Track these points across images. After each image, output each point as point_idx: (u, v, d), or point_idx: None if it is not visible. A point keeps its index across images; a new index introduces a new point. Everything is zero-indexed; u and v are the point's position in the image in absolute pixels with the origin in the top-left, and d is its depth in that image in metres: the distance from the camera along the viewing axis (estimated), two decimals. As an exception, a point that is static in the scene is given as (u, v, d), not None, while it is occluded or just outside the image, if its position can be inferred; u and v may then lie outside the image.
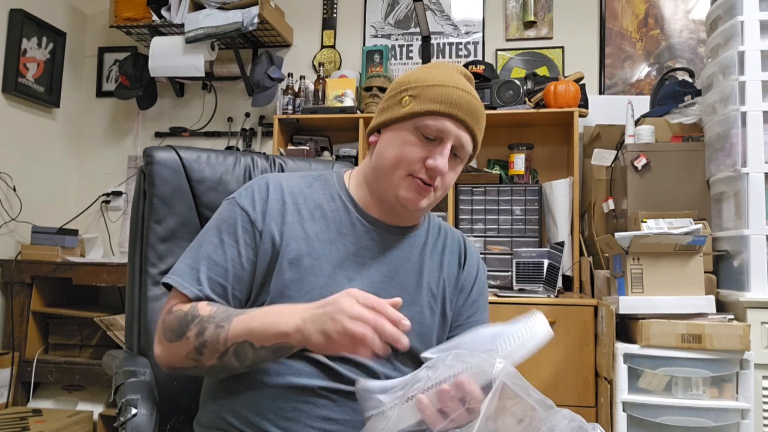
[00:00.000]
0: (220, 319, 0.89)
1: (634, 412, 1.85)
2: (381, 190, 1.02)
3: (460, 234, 1.18)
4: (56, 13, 3.17)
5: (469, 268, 1.14)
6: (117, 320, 2.56)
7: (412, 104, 0.97)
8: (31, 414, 2.51)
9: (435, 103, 0.96)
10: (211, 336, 0.88)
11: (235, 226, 0.99)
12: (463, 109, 0.97)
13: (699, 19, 2.85)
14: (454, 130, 0.97)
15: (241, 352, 0.87)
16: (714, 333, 1.78)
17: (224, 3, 2.85)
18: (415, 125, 0.97)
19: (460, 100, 0.96)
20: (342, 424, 0.93)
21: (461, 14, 3.10)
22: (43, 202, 3.09)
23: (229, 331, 0.87)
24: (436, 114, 0.96)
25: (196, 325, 0.89)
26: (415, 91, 0.98)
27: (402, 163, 0.98)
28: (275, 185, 1.04)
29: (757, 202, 1.94)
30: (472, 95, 0.99)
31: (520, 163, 2.72)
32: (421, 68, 1.04)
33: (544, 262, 2.37)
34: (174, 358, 0.93)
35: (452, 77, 1.00)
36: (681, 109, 2.35)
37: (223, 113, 3.26)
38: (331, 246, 1.00)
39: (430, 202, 1.02)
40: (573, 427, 0.69)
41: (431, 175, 0.97)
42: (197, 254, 0.99)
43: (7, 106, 2.90)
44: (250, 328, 0.86)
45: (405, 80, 1.02)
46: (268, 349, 0.87)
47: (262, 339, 0.86)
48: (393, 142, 0.99)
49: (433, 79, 0.98)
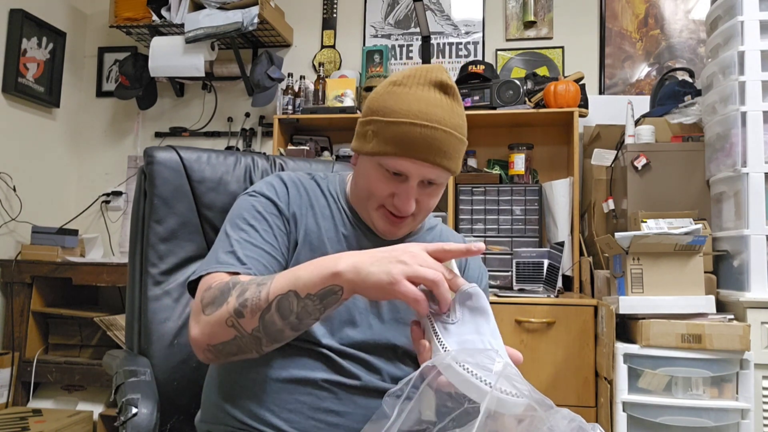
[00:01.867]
0: (261, 279, 0.86)
1: (634, 412, 1.85)
2: (361, 213, 1.04)
3: (461, 238, 1.18)
4: (56, 13, 3.17)
5: (470, 271, 1.14)
6: (117, 320, 2.56)
7: (373, 143, 0.95)
8: (31, 414, 2.51)
9: (391, 145, 0.92)
10: (253, 294, 0.83)
11: (264, 212, 0.99)
12: (421, 149, 0.91)
13: (699, 19, 2.85)
14: (414, 169, 0.93)
15: (285, 305, 0.82)
16: (714, 333, 1.78)
17: (224, 3, 2.85)
18: (378, 162, 0.96)
19: (416, 139, 0.91)
20: (344, 416, 0.93)
21: (461, 14, 3.10)
22: (43, 202, 3.09)
23: (272, 286, 0.83)
24: (394, 155, 0.93)
25: (237, 289, 0.86)
26: (376, 126, 0.95)
27: (372, 196, 0.98)
28: (292, 181, 1.05)
29: (757, 202, 1.94)
30: (434, 127, 0.92)
31: (520, 163, 2.72)
32: (389, 86, 0.97)
33: (544, 262, 2.37)
34: (213, 330, 0.87)
35: (416, 103, 0.93)
36: (681, 109, 2.36)
37: (223, 113, 3.26)
38: (337, 245, 1.02)
39: (411, 227, 1.02)
40: (573, 427, 0.69)
41: (397, 210, 0.97)
42: (229, 242, 0.96)
43: (7, 106, 2.90)
44: (296, 276, 0.82)
45: (371, 106, 0.97)
46: (314, 297, 0.81)
47: (309, 285, 0.81)
48: (363, 173, 0.99)
49: (393, 111, 0.93)
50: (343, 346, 0.96)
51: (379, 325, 1.00)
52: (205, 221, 1.25)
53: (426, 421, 0.76)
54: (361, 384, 0.95)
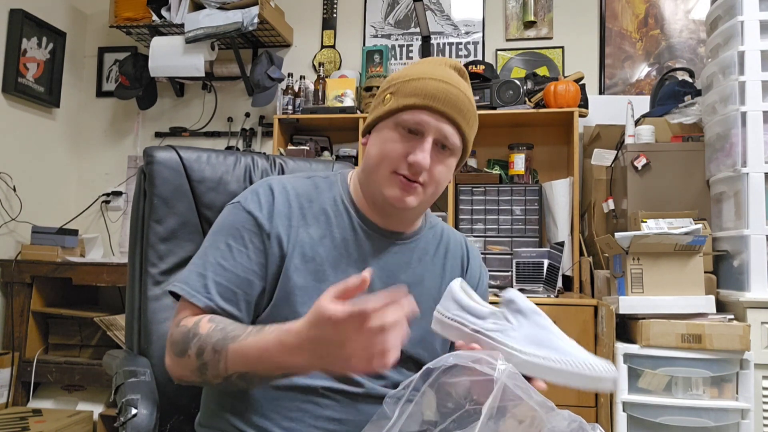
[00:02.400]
0: (216, 341, 0.84)
1: (634, 412, 1.85)
2: (370, 190, 1.01)
3: (462, 237, 1.17)
4: (56, 13, 3.17)
5: (471, 272, 1.13)
6: (117, 320, 2.56)
7: (392, 101, 0.97)
8: (31, 414, 2.51)
9: (411, 96, 0.95)
10: (210, 359, 0.84)
11: (243, 230, 0.97)
12: (440, 100, 0.94)
13: (699, 19, 2.85)
14: (432, 122, 0.94)
15: (247, 378, 0.84)
16: (714, 333, 1.78)
17: (224, 3, 2.85)
18: (395, 121, 0.96)
19: (436, 91, 0.94)
20: (345, 424, 0.93)
21: (461, 14, 3.10)
22: (43, 202, 3.09)
23: (228, 360, 0.83)
24: (412, 108, 0.95)
25: (196, 344, 0.86)
26: (395, 87, 0.98)
27: (385, 160, 0.96)
28: (280, 188, 1.01)
29: (757, 202, 1.94)
30: (454, 86, 0.96)
31: (520, 163, 2.72)
32: (409, 65, 1.03)
33: (544, 262, 2.37)
34: (182, 372, 0.90)
35: (435, 70, 0.98)
36: (681, 109, 2.35)
37: (223, 113, 3.26)
38: (334, 251, 0.99)
39: (421, 200, 0.98)
40: (573, 428, 0.69)
41: (414, 171, 0.95)
42: (204, 261, 0.96)
43: (7, 106, 2.90)
44: (249, 363, 0.82)
45: (389, 78, 1.02)
46: (276, 376, 0.84)
47: (268, 371, 0.82)
48: (377, 141, 0.99)
49: (413, 74, 0.98)
50: None
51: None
52: (204, 221, 1.25)
53: (427, 422, 0.76)
54: (363, 391, 0.95)
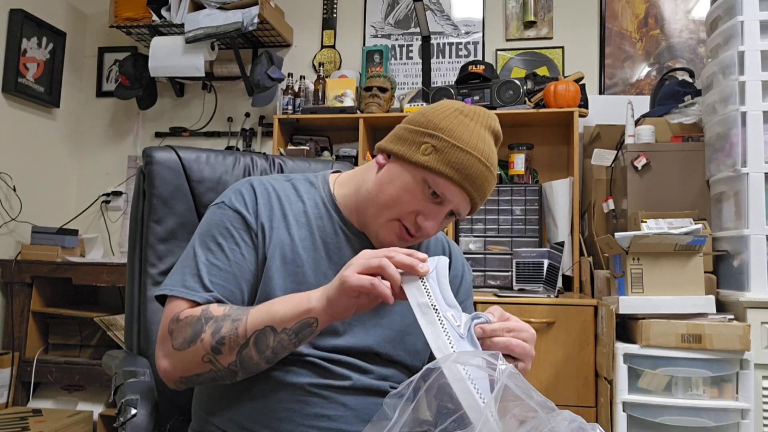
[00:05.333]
0: (235, 314, 0.87)
1: (634, 412, 1.85)
2: (366, 219, 1.00)
3: (443, 236, 1.17)
4: (56, 13, 3.17)
5: (454, 271, 1.12)
6: (117, 320, 2.56)
7: (431, 157, 0.93)
8: (31, 414, 2.51)
9: (453, 169, 0.92)
10: (229, 331, 0.86)
11: (232, 228, 0.97)
12: (477, 185, 0.94)
13: (699, 19, 2.85)
14: (458, 199, 0.95)
15: (262, 340, 0.85)
16: (714, 333, 1.78)
17: (224, 3, 2.85)
18: (424, 177, 0.93)
19: (478, 175, 0.93)
20: (335, 420, 0.92)
21: (461, 14, 3.10)
22: (43, 202, 3.09)
23: (248, 321, 0.85)
24: (449, 179, 0.93)
25: (211, 325, 0.87)
26: (440, 143, 0.93)
27: (396, 207, 0.95)
28: (262, 188, 1.01)
29: (757, 202, 1.94)
30: (491, 170, 0.96)
31: (520, 163, 2.72)
32: (456, 113, 0.97)
33: (544, 262, 2.37)
34: (188, 365, 0.89)
35: (481, 142, 0.95)
36: (681, 109, 2.35)
37: (223, 113, 3.26)
38: (314, 253, 0.99)
39: (408, 246, 0.99)
40: (573, 428, 0.68)
41: (417, 230, 0.96)
42: (194, 263, 0.95)
43: (7, 106, 2.90)
44: (272, 312, 0.85)
45: (435, 122, 0.95)
46: (290, 331, 0.84)
47: (285, 320, 0.84)
48: (395, 182, 0.95)
49: (461, 139, 0.93)
50: (329, 353, 0.95)
51: (362, 332, 0.98)
52: (204, 221, 1.25)
53: (427, 422, 0.76)
54: (350, 384, 0.94)
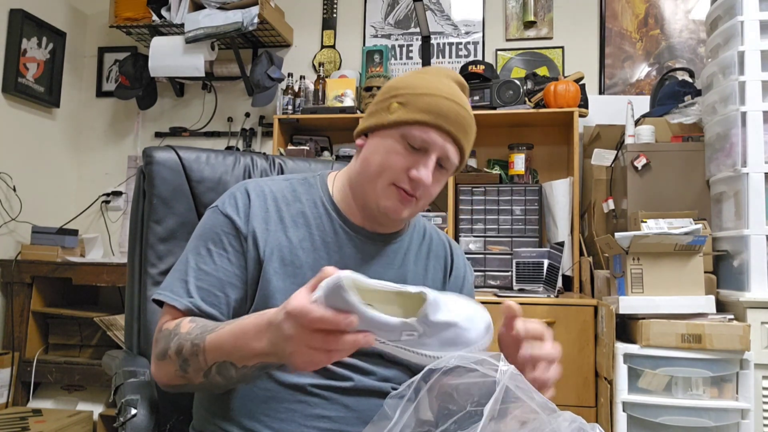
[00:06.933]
0: (195, 336, 0.85)
1: (634, 412, 1.85)
2: (364, 196, 1.00)
3: (445, 236, 1.17)
4: (56, 13, 3.17)
5: (456, 272, 1.12)
6: (117, 320, 2.56)
7: (400, 112, 0.95)
8: (31, 414, 2.51)
9: (423, 112, 0.94)
10: (189, 354, 0.85)
11: (222, 234, 0.97)
12: (451, 121, 0.94)
13: (699, 19, 2.85)
14: (440, 141, 0.95)
15: (224, 371, 0.83)
16: (714, 333, 1.78)
17: (224, 3, 2.85)
18: (402, 134, 0.95)
19: (448, 111, 0.94)
20: (336, 421, 0.92)
21: (461, 14, 3.10)
22: (43, 202, 3.09)
23: (206, 350, 0.83)
24: (423, 124, 0.94)
25: (176, 343, 0.87)
26: (404, 98, 0.96)
27: (386, 171, 0.96)
28: (257, 191, 1.01)
29: (757, 202, 1.94)
30: (462, 106, 0.96)
31: (520, 163, 2.72)
32: (413, 73, 1.02)
33: (544, 262, 2.37)
34: (167, 377, 0.91)
35: (443, 85, 0.97)
36: (681, 109, 2.36)
37: (223, 113, 3.26)
38: (314, 254, 0.99)
39: (413, 212, 1.00)
40: (573, 428, 0.68)
41: (414, 186, 0.95)
42: (185, 267, 0.96)
43: (7, 106, 2.90)
44: (225, 350, 0.82)
45: (395, 85, 0.99)
46: (251, 367, 0.82)
47: (242, 360, 0.81)
48: (378, 149, 0.97)
49: (423, 87, 0.96)
50: None
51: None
52: (204, 221, 1.25)
53: (428, 422, 0.76)
54: (352, 385, 0.94)
